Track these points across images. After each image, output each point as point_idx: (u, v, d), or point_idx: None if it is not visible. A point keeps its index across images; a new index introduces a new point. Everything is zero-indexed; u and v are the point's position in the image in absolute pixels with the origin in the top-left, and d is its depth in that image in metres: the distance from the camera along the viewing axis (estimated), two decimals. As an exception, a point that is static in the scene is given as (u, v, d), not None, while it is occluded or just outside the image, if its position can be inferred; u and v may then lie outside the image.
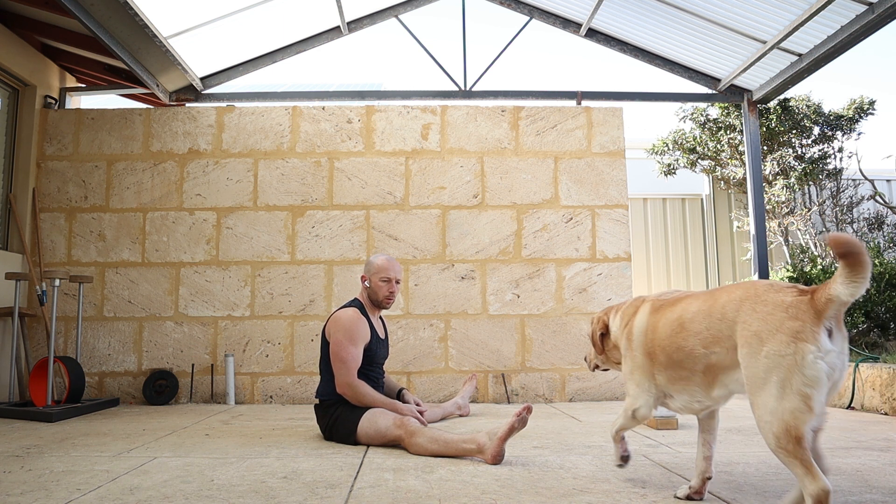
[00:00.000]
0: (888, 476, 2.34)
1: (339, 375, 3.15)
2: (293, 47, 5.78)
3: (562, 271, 5.26)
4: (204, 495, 2.13)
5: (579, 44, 25.50)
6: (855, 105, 7.05)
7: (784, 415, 1.62)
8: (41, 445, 3.08)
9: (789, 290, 1.74)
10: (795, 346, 1.63)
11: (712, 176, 7.75)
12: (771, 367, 1.67)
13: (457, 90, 5.76)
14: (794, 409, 1.62)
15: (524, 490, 2.18)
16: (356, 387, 3.14)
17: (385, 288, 3.39)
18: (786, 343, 1.65)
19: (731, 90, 5.86)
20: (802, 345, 1.63)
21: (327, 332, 3.27)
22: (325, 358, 3.27)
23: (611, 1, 5.28)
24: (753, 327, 1.73)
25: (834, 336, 1.66)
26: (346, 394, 3.15)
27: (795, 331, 1.64)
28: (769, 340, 1.68)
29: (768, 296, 1.75)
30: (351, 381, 3.14)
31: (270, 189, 5.30)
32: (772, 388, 1.66)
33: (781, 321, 1.68)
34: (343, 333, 3.19)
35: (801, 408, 1.62)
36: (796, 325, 1.65)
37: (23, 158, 5.23)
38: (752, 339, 1.72)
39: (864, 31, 4.50)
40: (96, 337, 5.12)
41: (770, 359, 1.67)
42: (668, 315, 2.05)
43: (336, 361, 3.16)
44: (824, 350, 1.62)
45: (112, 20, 4.41)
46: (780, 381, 1.65)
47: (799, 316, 1.66)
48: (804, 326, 1.64)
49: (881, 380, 4.13)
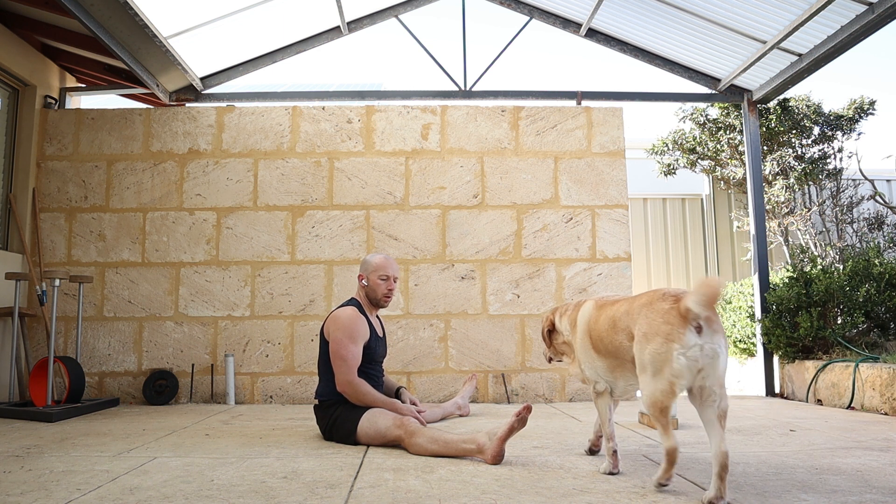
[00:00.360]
0: (888, 476, 2.34)
1: (340, 373, 3.14)
2: (293, 47, 5.78)
3: (562, 271, 5.26)
4: (204, 495, 2.13)
5: (579, 44, 25.51)
6: (855, 105, 7.05)
7: (655, 393, 2.12)
8: (41, 445, 3.08)
9: (670, 298, 2.15)
10: (667, 346, 2.08)
11: (712, 176, 7.75)
12: (651, 360, 2.13)
13: (457, 90, 5.76)
14: (662, 390, 2.10)
15: (524, 490, 2.18)
16: (356, 385, 3.13)
17: (384, 286, 3.40)
18: (661, 343, 2.10)
19: (731, 90, 5.86)
20: (671, 344, 2.07)
21: (326, 331, 3.27)
22: (324, 358, 3.27)
23: (611, 1, 5.28)
24: (644, 328, 2.18)
25: (703, 331, 2.07)
26: (347, 392, 3.14)
27: (667, 333, 2.09)
28: (652, 341, 2.13)
29: (656, 304, 2.18)
30: (351, 380, 3.13)
31: (270, 189, 5.31)
32: (650, 374, 2.14)
33: (659, 325, 2.12)
34: (343, 332, 3.19)
35: (667, 390, 2.09)
36: (668, 328, 2.09)
37: (23, 158, 5.24)
38: (642, 338, 2.18)
39: (864, 31, 4.50)
40: (96, 337, 5.12)
41: (651, 354, 2.13)
42: (607, 313, 2.46)
43: (336, 359, 3.16)
44: (687, 347, 2.05)
45: (112, 20, 4.41)
46: (655, 370, 2.12)
47: (670, 321, 2.10)
48: (673, 329, 2.08)
49: (881, 380, 4.13)
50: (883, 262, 5.05)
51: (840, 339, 4.87)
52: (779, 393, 5.39)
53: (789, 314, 5.19)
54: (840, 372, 4.53)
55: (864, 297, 4.89)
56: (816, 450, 2.87)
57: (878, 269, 4.97)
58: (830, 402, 4.62)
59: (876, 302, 4.90)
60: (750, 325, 6.12)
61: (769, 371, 5.46)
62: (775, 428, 3.54)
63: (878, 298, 4.88)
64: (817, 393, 4.78)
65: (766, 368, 5.46)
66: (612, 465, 2.43)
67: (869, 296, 4.89)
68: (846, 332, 4.92)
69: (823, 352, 5.03)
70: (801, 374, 5.03)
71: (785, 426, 3.60)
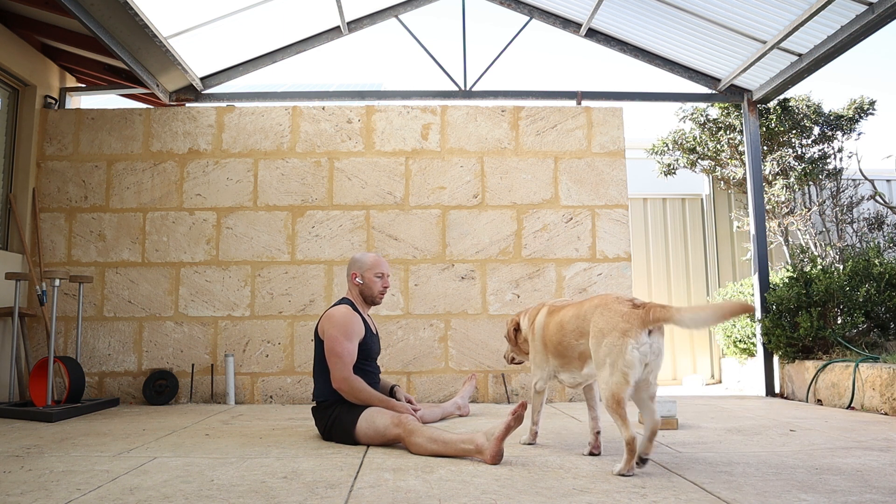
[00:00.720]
0: (888, 476, 2.34)
1: (336, 370, 3.13)
2: (293, 47, 5.78)
3: (562, 271, 5.27)
4: (204, 495, 2.13)
5: (579, 44, 25.48)
6: (855, 105, 7.05)
7: (612, 386, 2.40)
8: (41, 445, 3.08)
9: (627, 302, 2.48)
10: (623, 340, 2.39)
11: (712, 176, 7.74)
12: (607, 352, 2.43)
13: (457, 90, 5.76)
14: (617, 381, 2.39)
15: (524, 490, 2.18)
16: (352, 381, 3.13)
17: (379, 283, 3.43)
18: (617, 337, 2.41)
19: (731, 90, 5.86)
20: (627, 339, 2.38)
21: (321, 330, 3.26)
22: (319, 358, 3.26)
23: (611, 1, 5.28)
24: (600, 325, 2.49)
25: (653, 335, 2.42)
26: (343, 389, 3.13)
27: (625, 330, 2.40)
28: (608, 335, 2.44)
29: (612, 305, 2.50)
30: (347, 376, 3.13)
31: (270, 189, 5.31)
32: (607, 367, 2.43)
33: (617, 323, 2.43)
34: (337, 329, 3.19)
35: (622, 381, 2.38)
36: (626, 326, 2.40)
37: (23, 158, 5.24)
38: (598, 334, 2.49)
39: (864, 31, 4.49)
40: (96, 337, 5.12)
41: (607, 346, 2.43)
42: (556, 318, 2.80)
43: (331, 357, 3.15)
44: (640, 343, 2.38)
45: (112, 20, 4.41)
46: (612, 362, 2.41)
47: (629, 321, 2.41)
48: (631, 328, 2.39)
49: (881, 380, 4.13)
50: (883, 262, 5.04)
51: (840, 339, 4.87)
52: (779, 393, 5.39)
53: (789, 314, 5.20)
54: (840, 372, 4.53)
55: (864, 297, 4.89)
56: (816, 450, 2.87)
57: (878, 269, 4.97)
58: (830, 402, 4.62)
59: (876, 302, 4.90)
60: (750, 325, 6.12)
61: (769, 371, 5.46)
62: (775, 428, 3.54)
63: (878, 298, 4.88)
64: (817, 393, 4.78)
65: (766, 368, 5.46)
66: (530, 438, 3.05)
67: (869, 296, 4.89)
68: (846, 332, 4.92)
69: (823, 352, 5.04)
70: (801, 374, 5.03)
71: (785, 426, 3.60)
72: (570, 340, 2.67)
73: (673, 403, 3.55)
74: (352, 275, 3.43)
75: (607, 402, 2.42)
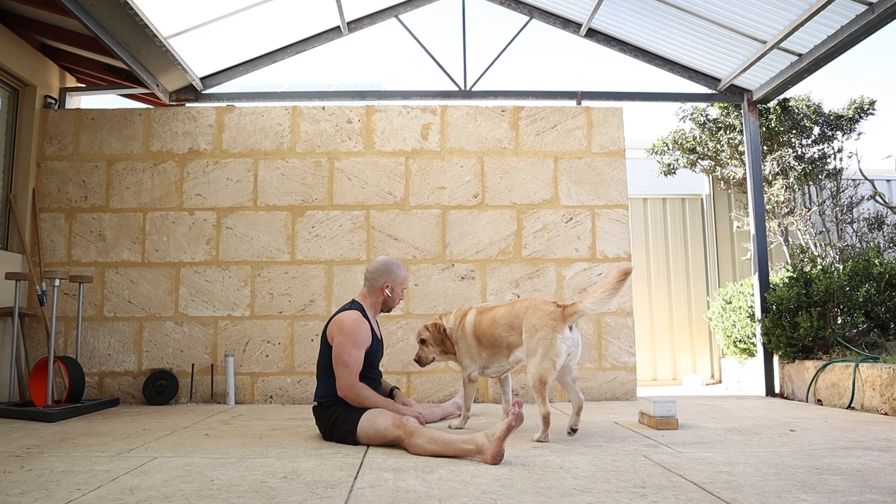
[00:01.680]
0: (888, 476, 2.34)
1: (342, 378, 3.15)
2: (293, 47, 5.78)
3: (562, 271, 5.27)
4: (204, 495, 2.13)
5: (579, 44, 25.49)
6: (855, 105, 7.04)
7: (540, 370, 3.06)
8: (41, 445, 3.08)
9: (552, 303, 3.17)
10: (552, 335, 3.07)
11: (712, 176, 7.74)
12: (538, 344, 3.09)
13: (457, 90, 5.76)
14: (546, 367, 3.06)
15: (524, 490, 2.18)
16: (358, 389, 3.15)
17: (400, 296, 3.57)
18: (548, 332, 3.08)
19: (731, 90, 5.86)
20: (555, 334, 3.07)
21: (329, 334, 3.27)
22: (324, 360, 3.27)
23: (611, 1, 5.28)
24: (532, 322, 3.14)
25: (573, 330, 3.15)
26: (348, 397, 3.15)
27: (553, 327, 3.08)
28: (540, 330, 3.10)
29: (541, 306, 3.17)
30: (353, 384, 3.15)
31: (270, 189, 5.31)
32: (538, 356, 3.09)
33: (547, 320, 3.10)
34: (347, 337, 3.20)
35: (550, 367, 3.05)
36: (553, 323, 3.08)
37: (23, 158, 5.24)
38: (530, 329, 3.14)
39: (864, 31, 4.50)
40: (96, 337, 5.12)
41: (538, 340, 3.09)
42: (487, 315, 3.39)
43: (338, 364, 3.16)
44: (565, 337, 3.08)
45: (112, 20, 4.41)
46: (542, 352, 3.07)
47: (555, 318, 3.10)
48: (557, 324, 3.08)
49: (881, 380, 4.13)
50: (883, 262, 5.05)
51: (840, 339, 4.87)
52: (779, 393, 5.39)
53: (789, 314, 5.20)
54: (840, 372, 4.53)
55: (864, 297, 4.89)
56: (816, 450, 2.88)
57: (878, 269, 4.97)
58: (830, 402, 4.62)
59: (876, 302, 4.90)
60: (750, 325, 6.12)
61: (769, 371, 5.46)
62: (775, 428, 3.54)
63: (878, 298, 4.88)
64: (817, 393, 4.78)
65: (766, 368, 5.47)
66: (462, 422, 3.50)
67: (869, 296, 4.89)
68: (846, 332, 4.92)
69: (823, 352, 5.03)
70: (801, 374, 5.03)
71: (785, 426, 3.60)
72: (502, 333, 3.28)
73: (673, 403, 3.55)
74: (384, 285, 3.44)
75: (534, 383, 3.05)
